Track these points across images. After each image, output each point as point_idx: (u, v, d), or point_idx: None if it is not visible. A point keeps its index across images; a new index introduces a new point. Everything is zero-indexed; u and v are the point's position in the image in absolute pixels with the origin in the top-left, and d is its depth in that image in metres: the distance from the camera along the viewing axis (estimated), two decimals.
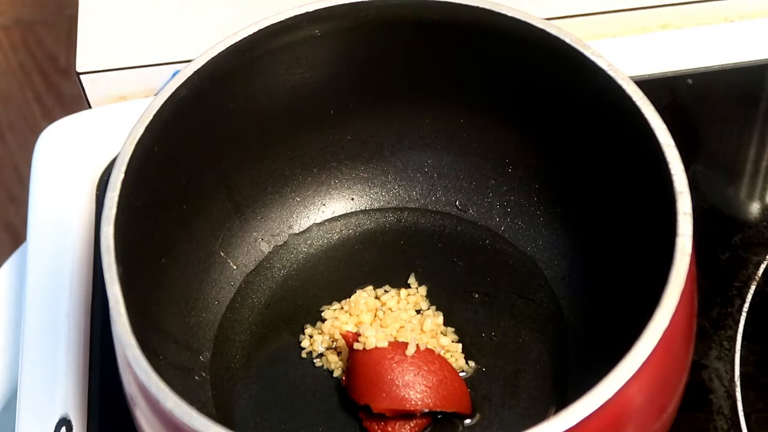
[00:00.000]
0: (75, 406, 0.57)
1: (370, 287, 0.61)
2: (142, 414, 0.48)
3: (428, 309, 0.60)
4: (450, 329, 0.59)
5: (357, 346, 0.55)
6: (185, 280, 0.59)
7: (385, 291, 0.61)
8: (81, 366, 0.59)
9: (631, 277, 0.55)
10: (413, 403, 0.54)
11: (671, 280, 0.46)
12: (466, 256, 0.62)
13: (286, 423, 0.57)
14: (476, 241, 0.63)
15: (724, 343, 0.58)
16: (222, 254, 0.62)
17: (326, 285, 0.62)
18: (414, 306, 0.60)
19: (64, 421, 0.57)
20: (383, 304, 0.60)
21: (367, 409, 0.55)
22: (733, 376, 0.57)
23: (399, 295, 0.60)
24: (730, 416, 0.56)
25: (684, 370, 0.50)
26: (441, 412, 0.55)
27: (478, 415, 0.56)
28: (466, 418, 0.56)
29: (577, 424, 0.43)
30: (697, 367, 0.57)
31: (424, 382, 0.54)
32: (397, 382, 0.54)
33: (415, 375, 0.54)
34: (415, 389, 0.54)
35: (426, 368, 0.54)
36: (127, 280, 0.48)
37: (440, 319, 0.59)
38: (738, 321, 0.59)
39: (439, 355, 0.56)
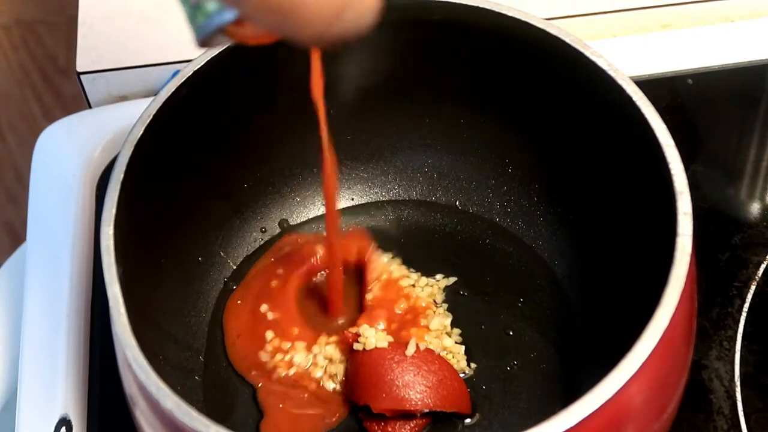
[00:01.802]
0: (75, 406, 0.57)
1: (399, 260, 0.61)
2: (142, 414, 0.48)
3: (439, 307, 0.60)
4: (456, 330, 0.59)
5: (357, 346, 0.55)
6: (185, 280, 0.59)
7: (409, 272, 0.61)
8: (81, 366, 0.59)
9: (632, 277, 0.55)
10: (413, 403, 0.54)
11: (671, 280, 0.46)
12: (466, 255, 0.62)
13: None
14: (476, 240, 0.63)
15: (724, 343, 0.58)
16: (222, 254, 0.62)
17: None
18: (429, 296, 0.60)
19: (64, 421, 0.57)
20: (397, 280, 0.60)
21: (367, 409, 0.55)
22: (733, 376, 0.57)
23: (418, 282, 0.60)
24: (730, 416, 0.56)
25: (684, 370, 0.50)
26: (441, 412, 0.55)
27: (477, 414, 0.56)
28: (466, 418, 0.56)
29: (577, 424, 0.43)
30: (697, 367, 0.57)
31: (424, 382, 0.54)
32: (397, 382, 0.54)
33: (414, 375, 0.54)
34: (414, 389, 0.54)
35: (426, 368, 0.54)
36: (127, 280, 0.48)
37: (448, 320, 0.59)
38: (738, 321, 0.59)
39: (438, 355, 0.56)
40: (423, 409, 0.54)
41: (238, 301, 0.60)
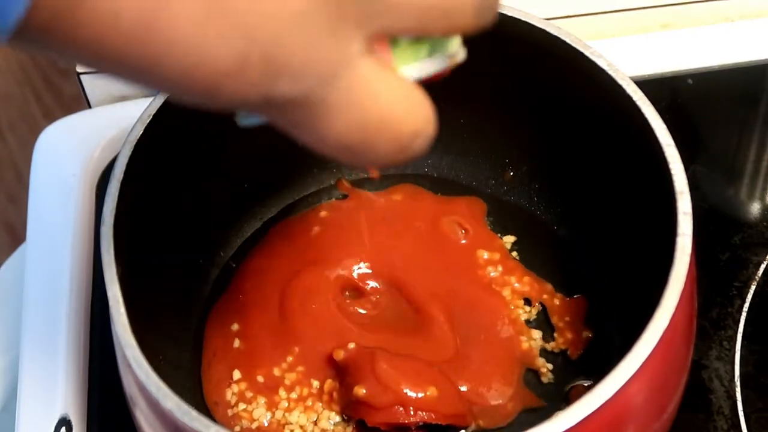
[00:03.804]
0: (75, 406, 0.57)
1: None
2: (142, 414, 0.48)
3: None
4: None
5: (337, 354, 0.54)
6: (185, 280, 0.59)
7: None
8: (81, 366, 0.59)
9: (631, 277, 0.55)
10: (408, 415, 0.53)
11: (671, 280, 0.46)
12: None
13: None
14: None
15: (724, 343, 0.58)
16: (222, 254, 0.61)
17: None
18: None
19: (64, 421, 0.57)
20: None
21: (362, 423, 0.54)
22: (733, 376, 0.57)
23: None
24: (730, 416, 0.56)
25: (684, 370, 0.50)
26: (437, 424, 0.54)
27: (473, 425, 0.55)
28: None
29: (577, 424, 0.43)
30: (697, 367, 0.57)
31: (420, 394, 0.53)
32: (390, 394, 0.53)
33: (409, 387, 0.53)
34: (410, 401, 0.53)
35: (421, 379, 0.53)
36: (127, 280, 0.48)
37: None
38: (738, 321, 0.59)
39: (434, 366, 0.55)
40: (418, 421, 0.53)
41: (221, 312, 0.58)
